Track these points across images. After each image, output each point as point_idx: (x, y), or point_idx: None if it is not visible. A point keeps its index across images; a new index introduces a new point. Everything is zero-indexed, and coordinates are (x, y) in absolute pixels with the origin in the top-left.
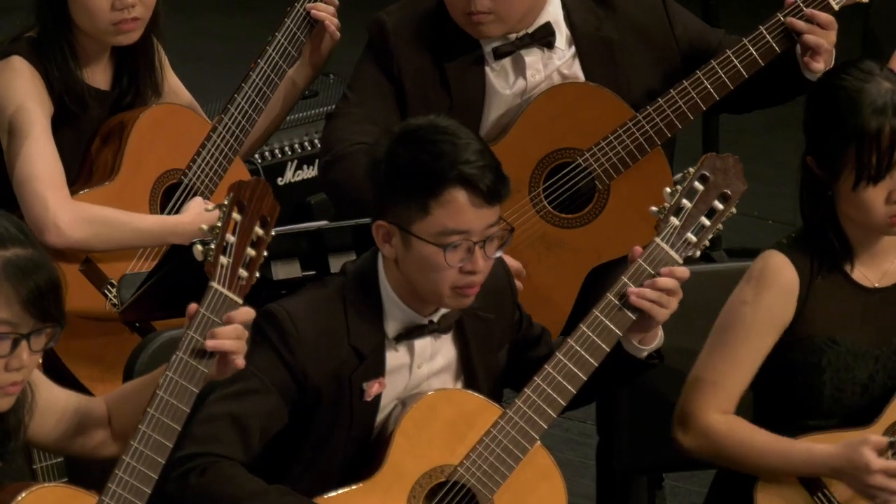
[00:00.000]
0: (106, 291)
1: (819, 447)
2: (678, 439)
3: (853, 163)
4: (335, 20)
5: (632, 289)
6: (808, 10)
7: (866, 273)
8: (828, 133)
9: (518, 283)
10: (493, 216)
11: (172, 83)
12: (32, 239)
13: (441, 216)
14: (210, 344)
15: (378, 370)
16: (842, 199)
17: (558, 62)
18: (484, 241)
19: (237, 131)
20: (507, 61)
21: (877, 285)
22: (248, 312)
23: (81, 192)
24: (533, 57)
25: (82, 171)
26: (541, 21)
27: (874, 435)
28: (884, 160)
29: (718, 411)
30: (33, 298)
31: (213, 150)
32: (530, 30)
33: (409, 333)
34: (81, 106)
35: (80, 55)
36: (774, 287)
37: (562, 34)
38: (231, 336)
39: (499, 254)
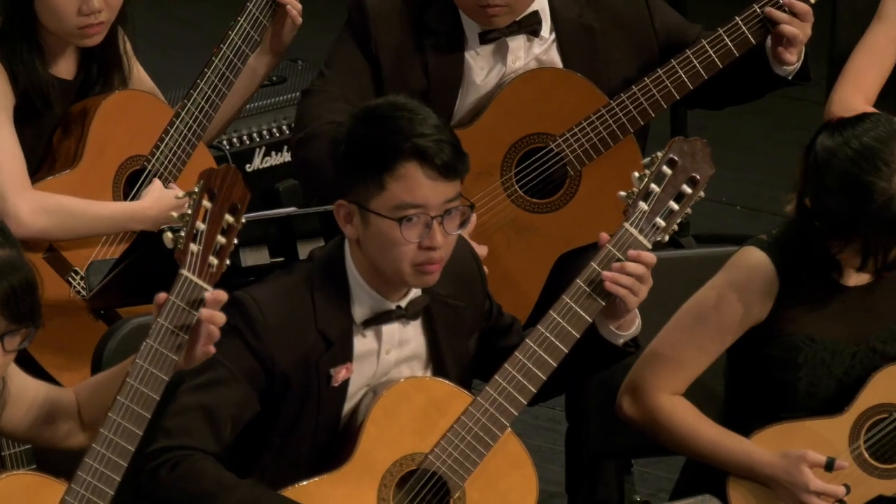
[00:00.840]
0: (70, 279)
1: (759, 452)
2: (623, 408)
3: (860, 248)
4: (298, 5)
5: (606, 273)
6: (787, 0)
7: (845, 273)
8: (842, 215)
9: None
10: (451, 191)
11: (134, 70)
12: (12, 240)
13: (396, 190)
14: (205, 313)
15: (345, 356)
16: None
17: (538, 49)
18: (442, 216)
19: (200, 117)
20: (489, 46)
21: (855, 283)
22: (220, 294)
23: (43, 181)
24: (517, 43)
25: (45, 160)
26: (531, 9)
27: (812, 452)
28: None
29: (670, 392)
30: (7, 300)
31: (176, 135)
32: (518, 17)
33: (377, 319)
34: (45, 101)
35: (44, 49)
36: (752, 287)
37: (546, 21)
38: (217, 320)
39: (461, 231)
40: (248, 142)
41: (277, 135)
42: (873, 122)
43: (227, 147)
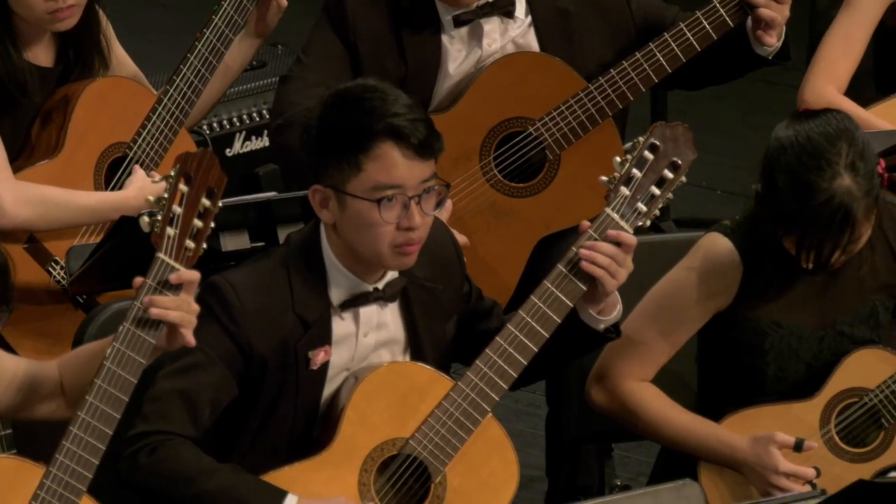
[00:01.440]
0: (50, 269)
1: (728, 436)
2: (591, 395)
3: (795, 241)
4: None
5: (583, 251)
6: None
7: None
8: (782, 207)
9: None
10: (428, 171)
11: (118, 54)
12: None
13: (373, 171)
14: (153, 312)
15: (324, 338)
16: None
17: (514, 32)
18: (420, 196)
19: (183, 102)
20: (464, 29)
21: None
22: (193, 273)
23: (25, 170)
24: (491, 25)
25: (25, 148)
26: None
27: (781, 433)
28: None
29: (638, 379)
30: None
31: (158, 122)
32: None
33: (354, 301)
34: (22, 90)
35: (19, 37)
36: (715, 273)
37: (521, 3)
38: (172, 305)
39: (438, 211)
40: (228, 126)
41: (258, 119)
42: (827, 119)
43: (207, 132)
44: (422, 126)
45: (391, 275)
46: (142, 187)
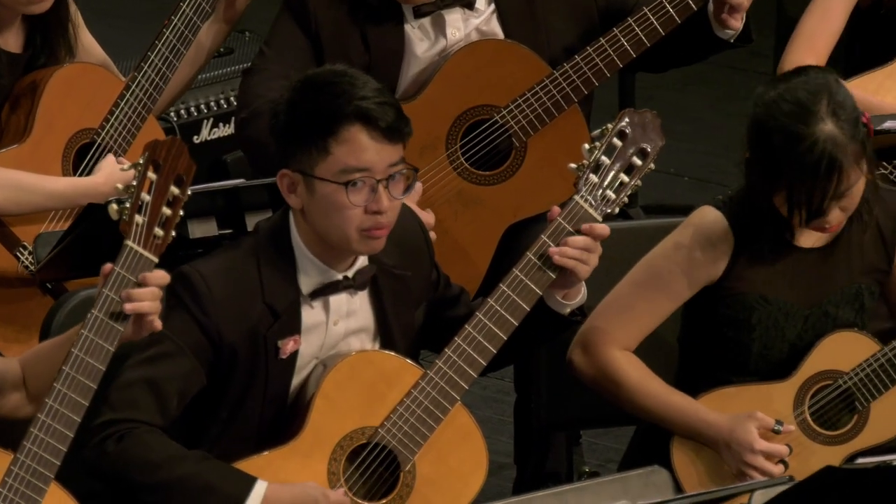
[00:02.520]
0: (18, 254)
1: (705, 412)
2: (574, 360)
3: (786, 197)
4: None
5: (553, 248)
6: None
7: (801, 235)
8: (770, 161)
9: (432, 235)
10: (396, 154)
11: (85, 41)
12: None
13: (341, 154)
14: (128, 307)
15: (293, 327)
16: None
17: (478, 20)
18: (387, 179)
19: (151, 89)
20: (427, 20)
21: (811, 246)
22: (163, 276)
23: None
24: (453, 16)
25: None
26: None
27: (761, 413)
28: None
29: (621, 347)
30: None
31: (126, 108)
32: None
33: (324, 290)
34: None
35: None
36: (707, 245)
37: None
38: (147, 297)
39: (406, 195)
40: (195, 113)
41: (225, 106)
42: (807, 75)
43: (175, 119)
44: (390, 110)
45: (361, 263)
46: (111, 174)
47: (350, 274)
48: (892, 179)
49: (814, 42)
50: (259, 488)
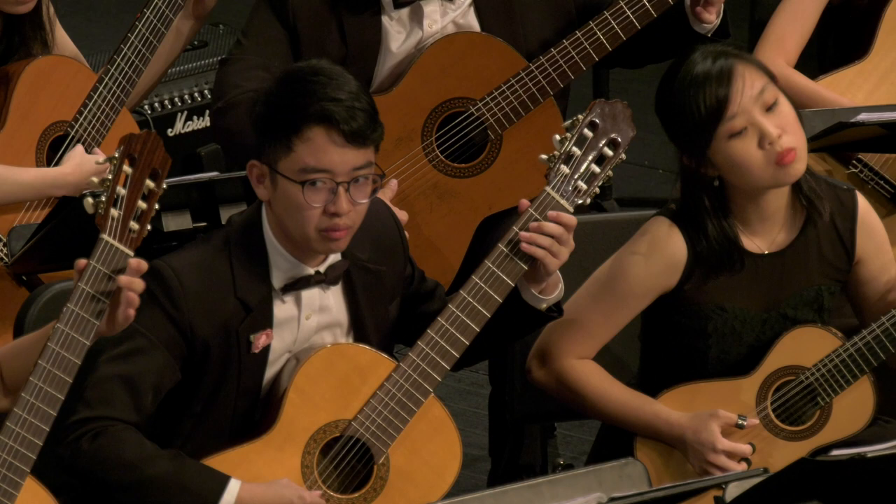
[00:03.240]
0: None
1: (666, 412)
2: (532, 372)
3: (700, 124)
4: None
5: (523, 234)
6: None
7: (756, 241)
8: (676, 122)
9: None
10: (360, 159)
11: (59, 35)
12: None
13: (302, 153)
14: (123, 279)
15: (265, 322)
16: (726, 171)
17: (455, 12)
18: (349, 182)
19: (124, 82)
20: (405, 11)
21: (766, 251)
22: (140, 263)
23: None
24: (431, 7)
25: None
26: None
27: (722, 410)
28: (718, 110)
29: (578, 356)
30: None
31: (99, 101)
32: None
33: (296, 284)
34: None
35: None
36: (661, 256)
37: None
38: (133, 287)
39: (371, 198)
40: (169, 106)
41: (199, 99)
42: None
43: (149, 112)
44: (360, 114)
45: (333, 257)
46: (80, 164)
47: (322, 269)
48: (861, 178)
49: (783, 43)
50: (233, 488)
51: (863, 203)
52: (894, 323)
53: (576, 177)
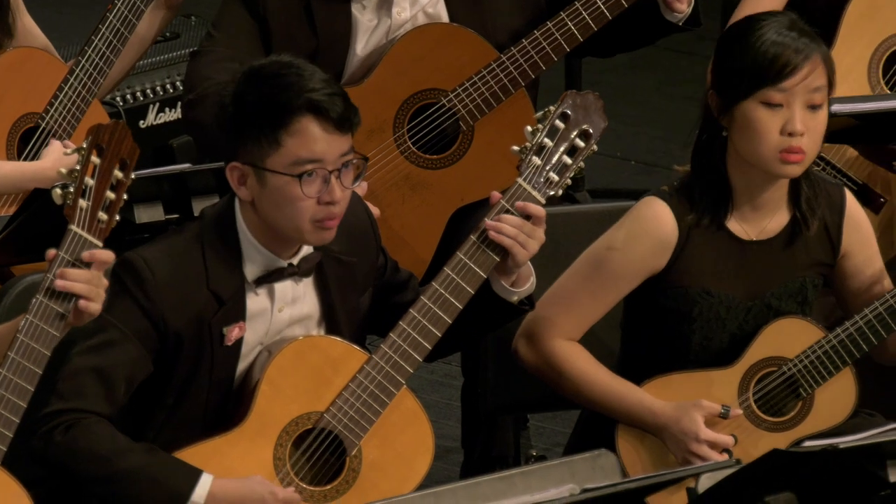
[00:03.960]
0: None
1: (651, 400)
2: (519, 351)
3: (752, 72)
4: None
5: (489, 222)
6: None
7: (745, 227)
8: (732, 57)
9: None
10: (346, 144)
11: (27, 24)
12: None
13: (293, 146)
14: (59, 284)
15: (238, 314)
16: (737, 129)
17: (425, 1)
18: (339, 170)
19: (95, 73)
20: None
21: (754, 238)
22: (107, 253)
23: None
24: None
25: None
26: None
27: (706, 401)
28: (780, 71)
29: (566, 337)
30: None
31: (70, 93)
32: None
33: (269, 277)
34: None
35: None
36: (651, 237)
37: None
38: (81, 279)
39: (357, 185)
40: (141, 98)
41: (171, 91)
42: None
43: (121, 103)
44: (339, 100)
45: (306, 250)
46: (58, 159)
47: (295, 261)
48: (824, 176)
49: None
50: (205, 482)
51: (851, 199)
52: (877, 315)
53: (547, 168)
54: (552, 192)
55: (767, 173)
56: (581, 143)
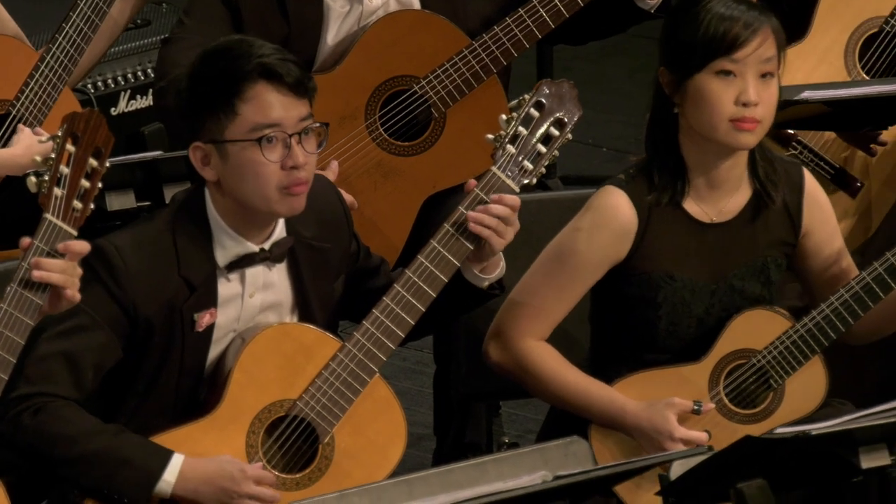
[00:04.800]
0: None
1: (623, 400)
2: (489, 353)
3: (703, 46)
4: None
5: (470, 214)
6: None
7: (704, 209)
8: (681, 32)
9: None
10: (304, 109)
11: None
12: None
13: (249, 113)
14: (35, 275)
15: (210, 300)
16: (690, 103)
17: None
18: (299, 134)
19: (66, 61)
20: None
21: (714, 220)
22: (83, 244)
23: None
24: None
25: None
26: None
27: (678, 398)
28: (732, 43)
29: (535, 337)
30: None
31: (41, 80)
32: None
33: (240, 262)
34: None
35: None
36: (611, 226)
37: None
38: (57, 269)
39: (320, 150)
40: (112, 85)
41: (142, 78)
42: None
43: (92, 91)
44: (292, 65)
45: (278, 235)
46: (29, 146)
47: (266, 246)
48: (802, 159)
49: None
50: (175, 461)
51: (809, 177)
52: (843, 302)
53: (522, 157)
54: (526, 181)
55: (721, 145)
56: (556, 132)
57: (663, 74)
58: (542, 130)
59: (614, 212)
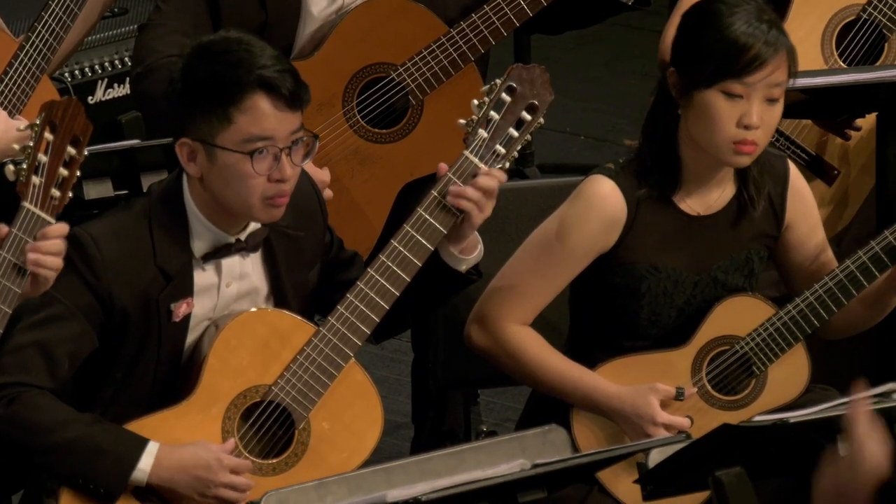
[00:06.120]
0: None
1: (605, 385)
2: (471, 337)
3: (719, 61)
4: None
5: (454, 188)
6: None
7: (691, 203)
8: (699, 40)
9: (328, 193)
10: (296, 122)
11: None
12: None
13: (244, 123)
14: (31, 258)
15: (186, 290)
16: (693, 113)
17: None
18: (289, 147)
19: (45, 49)
20: None
21: (700, 213)
22: (62, 226)
23: None
24: None
25: None
26: None
27: (661, 384)
28: (748, 65)
29: (518, 322)
30: None
31: (20, 68)
32: None
33: (216, 252)
34: None
35: None
36: (600, 216)
37: None
38: (52, 251)
39: (306, 162)
40: (90, 74)
41: (120, 66)
42: None
43: (70, 79)
44: (290, 77)
45: (253, 225)
46: (4, 130)
47: (242, 237)
48: (778, 146)
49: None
50: (151, 449)
51: (794, 170)
52: (827, 290)
53: (494, 141)
54: (499, 165)
55: (717, 160)
56: (528, 117)
57: (671, 75)
58: (514, 115)
59: (603, 202)
